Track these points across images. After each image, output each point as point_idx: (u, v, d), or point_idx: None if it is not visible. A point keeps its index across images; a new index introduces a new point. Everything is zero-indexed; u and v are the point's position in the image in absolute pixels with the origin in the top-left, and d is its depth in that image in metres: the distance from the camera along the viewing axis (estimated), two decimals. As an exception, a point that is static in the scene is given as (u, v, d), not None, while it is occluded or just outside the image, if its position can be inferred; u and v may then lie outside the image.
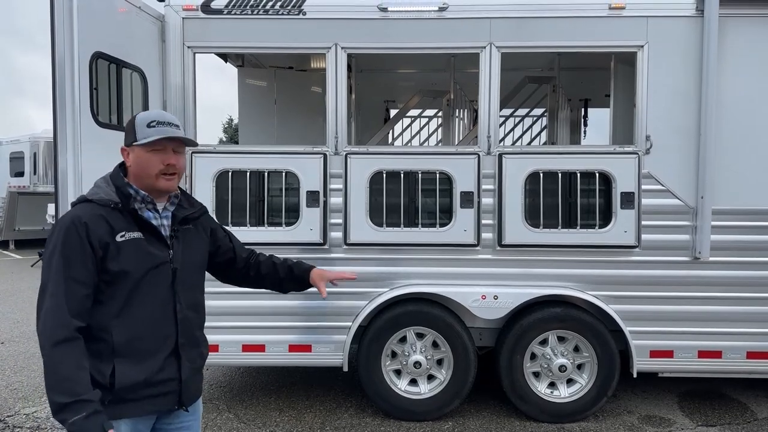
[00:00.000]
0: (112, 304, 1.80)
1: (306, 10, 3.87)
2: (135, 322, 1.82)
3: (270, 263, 2.33)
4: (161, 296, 1.89)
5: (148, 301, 1.85)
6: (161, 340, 1.89)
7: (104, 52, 3.43)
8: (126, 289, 1.81)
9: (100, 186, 1.88)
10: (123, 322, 1.81)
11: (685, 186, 3.84)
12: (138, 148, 1.86)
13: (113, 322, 1.80)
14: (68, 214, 1.80)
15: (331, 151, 3.94)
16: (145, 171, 1.87)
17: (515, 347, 3.99)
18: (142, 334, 1.84)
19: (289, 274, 2.34)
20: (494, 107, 3.91)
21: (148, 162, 1.86)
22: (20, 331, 6.78)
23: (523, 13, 3.85)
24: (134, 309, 1.82)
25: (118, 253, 1.79)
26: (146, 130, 1.85)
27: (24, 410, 4.41)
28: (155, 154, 1.86)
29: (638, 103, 3.85)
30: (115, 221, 1.81)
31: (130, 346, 1.81)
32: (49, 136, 13.19)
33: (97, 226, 1.77)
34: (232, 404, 4.47)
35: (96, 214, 1.79)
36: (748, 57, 3.80)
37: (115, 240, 1.79)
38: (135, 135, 1.86)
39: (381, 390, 4.08)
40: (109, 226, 1.80)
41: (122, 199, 1.84)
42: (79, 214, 1.78)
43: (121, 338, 1.80)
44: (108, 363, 1.78)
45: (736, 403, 4.46)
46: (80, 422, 1.63)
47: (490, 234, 3.93)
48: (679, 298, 3.89)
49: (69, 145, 3.17)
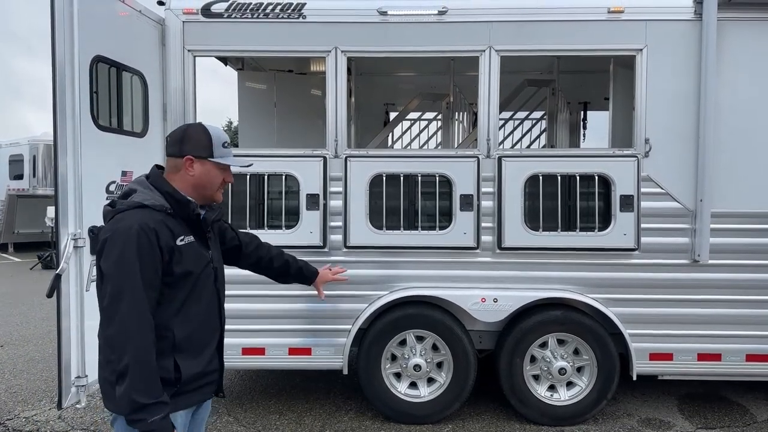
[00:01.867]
0: (172, 303, 1.91)
1: (306, 14, 3.88)
2: (192, 318, 1.96)
3: (283, 260, 2.63)
4: (209, 293, 2.04)
5: (201, 299, 2.00)
6: (211, 334, 2.06)
7: (104, 56, 3.44)
8: (186, 289, 1.94)
9: (144, 191, 1.94)
10: (182, 320, 1.93)
11: (684, 189, 3.85)
12: (211, 164, 2.00)
13: (174, 320, 1.91)
14: (132, 220, 1.84)
15: (330, 154, 3.94)
16: (211, 184, 2.02)
17: (515, 350, 3.99)
18: (198, 330, 1.99)
19: (298, 273, 2.68)
20: (494, 110, 3.92)
21: (216, 177, 2.02)
22: (20, 334, 6.77)
23: (522, 17, 3.86)
24: (191, 307, 1.96)
25: (181, 257, 1.91)
26: (222, 150, 2.01)
27: (23, 413, 4.41)
28: (222, 171, 2.04)
29: (637, 107, 3.86)
30: (174, 226, 1.92)
31: (189, 341, 1.95)
32: (48, 139, 13.22)
33: (162, 231, 1.87)
34: (231, 407, 4.46)
35: (158, 219, 1.88)
36: (747, 60, 3.82)
37: (177, 244, 1.90)
38: (212, 151, 1.99)
39: (381, 393, 4.08)
40: (170, 231, 1.90)
41: (175, 206, 1.94)
42: (145, 220, 1.84)
43: (181, 334, 1.93)
44: (169, 358, 1.89)
45: (736, 405, 4.46)
46: (158, 422, 1.77)
47: (489, 237, 3.93)
48: (679, 301, 3.90)
49: (69, 149, 3.17)
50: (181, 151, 1.98)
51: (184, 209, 1.96)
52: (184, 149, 1.97)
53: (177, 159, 1.98)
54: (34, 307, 8.27)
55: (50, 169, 14.01)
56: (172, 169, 2.00)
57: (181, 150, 1.98)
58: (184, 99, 3.94)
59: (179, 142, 1.99)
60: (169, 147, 2.03)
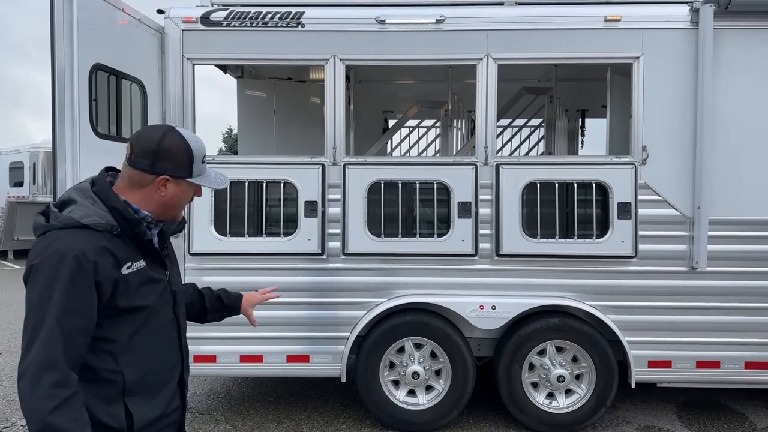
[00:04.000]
0: (119, 340, 1.61)
1: (305, 23, 3.91)
2: (145, 355, 1.66)
3: (194, 290, 2.13)
4: (166, 323, 1.74)
5: (157, 332, 1.70)
6: (170, 370, 1.77)
7: (104, 64, 3.46)
8: (136, 323, 1.63)
9: (86, 205, 1.59)
10: (133, 358, 1.63)
11: (682, 196, 3.85)
12: (188, 184, 1.71)
13: (122, 359, 1.61)
14: (66, 246, 1.51)
15: (329, 162, 3.95)
16: (181, 204, 1.74)
17: (513, 357, 3.99)
18: (154, 367, 1.69)
19: (217, 303, 2.17)
20: (491, 118, 3.94)
21: (188, 196, 1.75)
22: (18, 341, 6.75)
23: (519, 26, 3.88)
24: (143, 342, 1.65)
25: (126, 288, 1.59)
26: (201, 167, 1.72)
27: (21, 421, 4.40)
28: (194, 187, 1.75)
29: (634, 114, 3.88)
30: (118, 250, 1.59)
31: (143, 382, 1.66)
32: (48, 146, 13.22)
33: (105, 262, 1.54)
34: (229, 415, 4.45)
35: (100, 246, 1.55)
36: (743, 68, 3.83)
37: (122, 273, 1.59)
38: (191, 170, 1.69)
39: (379, 401, 4.07)
40: (114, 258, 1.57)
41: (123, 224, 1.61)
42: (82, 248, 1.51)
43: (133, 375, 1.63)
44: (118, 404, 1.60)
45: (735, 413, 4.45)
46: None
47: (487, 244, 3.93)
48: (677, 309, 3.90)
49: (68, 156, 3.19)
50: (154, 168, 1.63)
51: (133, 230, 1.63)
52: (159, 167, 1.64)
53: (146, 175, 1.64)
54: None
55: (50, 177, 14.02)
56: (135, 183, 1.65)
57: (154, 167, 1.63)
58: (183, 107, 3.95)
59: (153, 157, 1.63)
60: (136, 158, 1.64)
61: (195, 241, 3.93)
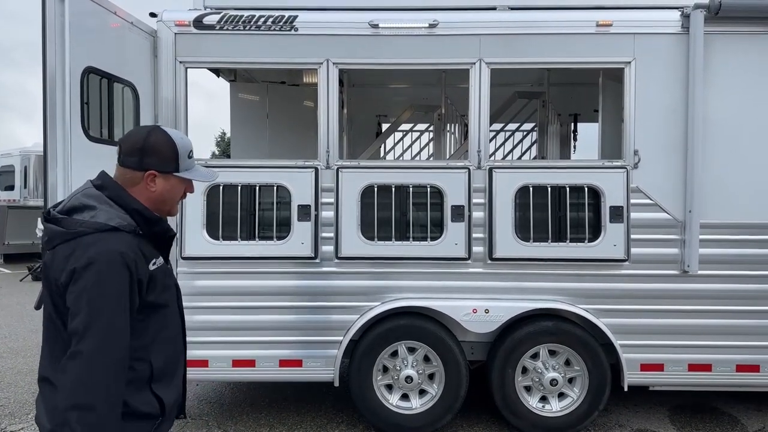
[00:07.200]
0: (147, 332, 1.71)
1: (298, 26, 3.91)
2: (165, 344, 1.79)
3: None
4: (175, 314, 1.88)
5: (171, 322, 1.84)
6: (179, 356, 1.90)
7: (96, 67, 3.44)
8: (159, 316, 1.76)
9: (106, 209, 1.67)
10: (157, 348, 1.75)
11: (674, 200, 3.88)
12: (176, 179, 1.79)
13: (150, 349, 1.73)
14: (108, 248, 1.59)
15: (322, 165, 3.95)
16: (173, 199, 1.82)
17: (506, 361, 3.99)
18: (171, 355, 1.83)
19: None
20: (484, 122, 3.95)
21: (179, 192, 1.83)
22: (8, 346, 6.70)
23: (511, 30, 3.90)
24: (163, 332, 1.78)
25: (155, 284, 1.71)
26: (188, 162, 1.80)
27: (10, 427, 4.35)
28: (185, 183, 1.84)
29: (626, 118, 3.90)
30: (144, 248, 1.70)
31: (165, 368, 1.78)
32: (39, 150, 13.16)
33: (140, 260, 1.65)
34: (221, 420, 4.42)
35: (133, 245, 1.64)
36: (734, 73, 3.87)
37: (149, 270, 1.70)
38: (177, 165, 1.77)
39: (372, 405, 4.05)
40: (144, 257, 1.68)
41: (144, 225, 1.72)
42: (122, 249, 1.60)
43: (158, 363, 1.75)
44: (146, 391, 1.71)
45: (728, 416, 4.47)
46: None
47: (480, 247, 3.94)
48: (669, 312, 3.91)
49: (59, 160, 3.17)
50: (141, 165, 1.72)
51: (153, 228, 1.75)
52: (145, 162, 1.72)
53: (135, 172, 1.73)
54: (23, 319, 8.18)
55: (41, 181, 13.93)
56: (128, 182, 1.74)
57: (141, 163, 1.72)
58: (175, 110, 3.94)
59: (140, 154, 1.72)
60: (125, 157, 1.74)
61: (187, 245, 3.91)
